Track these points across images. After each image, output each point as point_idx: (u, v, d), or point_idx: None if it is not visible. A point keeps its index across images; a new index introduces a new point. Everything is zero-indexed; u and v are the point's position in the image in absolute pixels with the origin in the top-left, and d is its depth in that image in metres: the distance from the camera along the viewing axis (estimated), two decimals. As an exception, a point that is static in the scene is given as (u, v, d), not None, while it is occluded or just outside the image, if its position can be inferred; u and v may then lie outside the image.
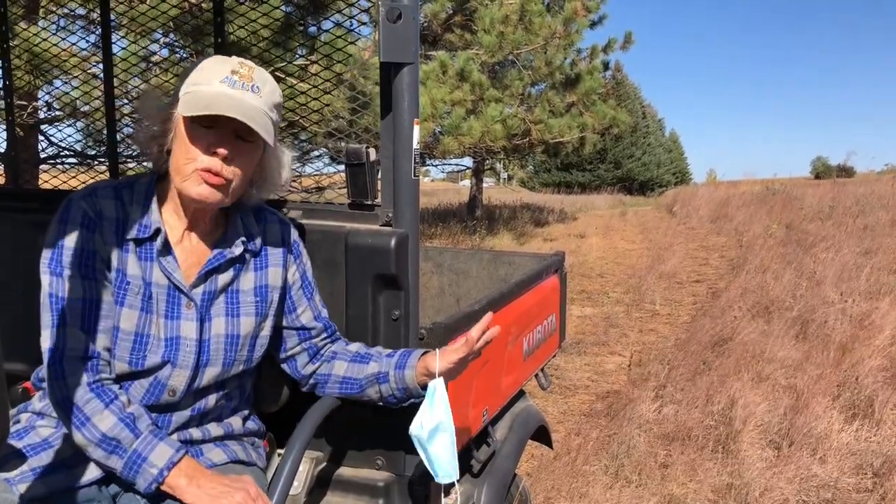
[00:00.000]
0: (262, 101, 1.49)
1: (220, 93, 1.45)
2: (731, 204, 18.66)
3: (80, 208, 1.48)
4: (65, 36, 5.49)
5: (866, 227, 12.29)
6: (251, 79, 1.49)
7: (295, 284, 1.69)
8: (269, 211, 1.71)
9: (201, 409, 1.58)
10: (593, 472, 3.79)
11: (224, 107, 1.42)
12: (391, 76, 1.69)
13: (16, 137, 2.90)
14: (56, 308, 1.43)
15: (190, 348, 1.52)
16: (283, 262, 1.67)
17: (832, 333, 6.02)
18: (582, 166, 39.84)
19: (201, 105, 1.42)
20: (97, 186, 1.54)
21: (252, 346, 1.62)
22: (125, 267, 1.49)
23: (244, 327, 1.59)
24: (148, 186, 1.55)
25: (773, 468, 3.78)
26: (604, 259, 12.50)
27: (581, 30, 14.26)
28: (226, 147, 1.46)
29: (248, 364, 1.62)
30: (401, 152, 1.71)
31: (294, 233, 1.72)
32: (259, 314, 1.61)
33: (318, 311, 1.73)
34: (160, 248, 1.51)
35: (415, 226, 1.77)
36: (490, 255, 3.03)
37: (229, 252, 1.57)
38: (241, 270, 1.61)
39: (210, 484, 1.40)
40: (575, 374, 5.84)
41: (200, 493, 1.38)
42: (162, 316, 1.51)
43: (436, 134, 12.98)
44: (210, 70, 1.49)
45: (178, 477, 1.39)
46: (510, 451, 2.37)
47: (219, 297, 1.57)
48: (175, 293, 1.53)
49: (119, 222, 1.50)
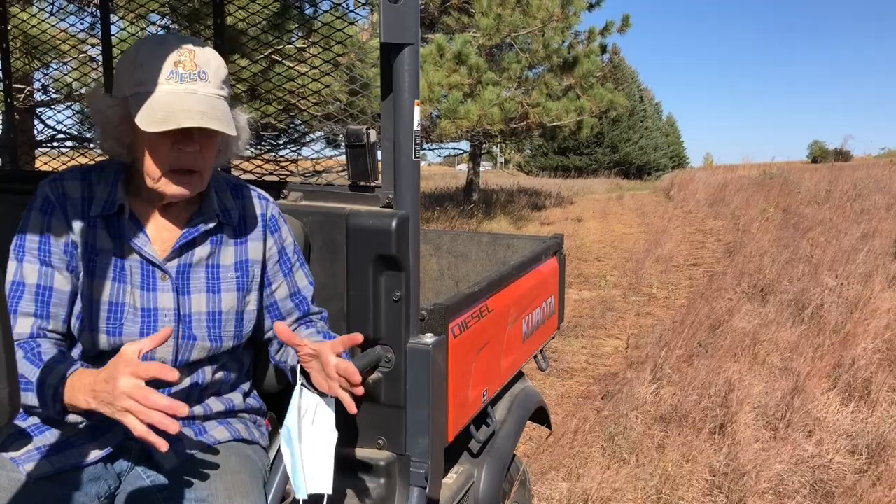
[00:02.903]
0: (212, 84, 1.46)
1: (171, 95, 1.41)
2: (729, 188, 18.65)
3: (43, 194, 1.52)
4: (63, 17, 5.46)
5: (863, 210, 12.30)
6: (195, 65, 1.45)
7: (271, 259, 1.69)
8: (248, 186, 1.71)
9: (199, 383, 1.59)
10: (591, 452, 3.82)
11: (181, 116, 1.39)
12: (391, 57, 1.69)
13: (14, 120, 2.89)
14: (15, 294, 1.46)
15: (169, 318, 1.53)
16: (263, 235, 1.67)
17: (829, 316, 6.05)
18: (579, 150, 39.83)
19: (157, 118, 1.38)
20: (66, 171, 1.57)
21: (239, 321, 1.62)
22: (94, 241, 1.51)
23: (226, 303, 1.59)
24: (118, 168, 1.56)
25: (769, 449, 3.82)
26: (601, 243, 12.52)
27: (579, 12, 14.17)
28: (191, 143, 1.45)
29: (237, 339, 1.63)
30: (401, 134, 1.72)
31: (273, 208, 1.71)
32: (241, 289, 1.62)
33: (296, 288, 1.72)
34: (128, 223, 1.52)
35: (415, 207, 1.77)
36: (489, 238, 3.04)
37: (204, 226, 1.57)
38: (220, 244, 1.61)
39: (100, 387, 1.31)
40: (572, 356, 5.86)
41: (99, 404, 1.31)
42: (137, 287, 1.52)
43: (433, 117, 12.95)
44: (151, 66, 1.43)
45: (71, 390, 1.33)
46: (509, 431, 2.39)
47: (198, 272, 1.57)
48: (148, 267, 1.53)
49: (85, 201, 1.52)
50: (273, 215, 1.70)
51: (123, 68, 1.48)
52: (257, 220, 1.67)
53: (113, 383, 1.26)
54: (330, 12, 4.19)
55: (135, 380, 1.26)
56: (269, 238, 1.68)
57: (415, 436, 1.77)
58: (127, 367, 1.27)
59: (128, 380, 1.26)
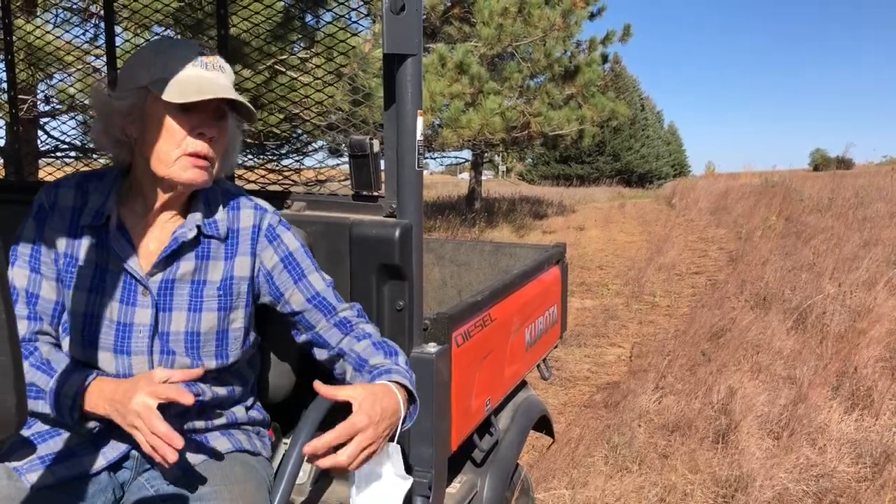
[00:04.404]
0: (230, 80, 1.53)
1: (200, 76, 1.47)
2: (730, 196, 18.65)
3: (39, 201, 1.55)
4: (67, 29, 5.49)
5: (865, 218, 12.29)
6: (216, 59, 1.52)
7: (276, 269, 1.61)
8: (245, 196, 1.66)
9: (200, 397, 1.55)
10: (594, 461, 3.81)
11: (216, 89, 1.45)
12: (394, 68, 1.70)
13: (19, 131, 2.91)
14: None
15: (143, 334, 1.50)
16: (253, 249, 1.60)
17: (831, 324, 6.04)
18: (581, 159, 39.84)
19: (191, 90, 1.43)
20: (63, 178, 1.59)
21: (221, 340, 1.56)
22: (78, 252, 1.51)
23: (205, 323, 1.54)
24: (115, 179, 1.56)
25: (773, 458, 3.81)
26: (603, 251, 12.52)
27: (580, 22, 14.23)
28: (210, 128, 1.48)
29: (221, 359, 1.58)
30: (404, 143, 1.72)
31: (270, 217, 1.64)
32: (223, 308, 1.56)
33: (313, 292, 1.63)
34: (115, 236, 1.51)
35: (418, 216, 1.78)
36: (491, 247, 3.04)
37: (183, 236, 1.53)
38: (207, 259, 1.56)
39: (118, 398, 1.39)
40: (575, 365, 5.86)
41: (114, 412, 1.39)
42: (116, 300, 1.50)
43: (434, 127, 12.98)
44: (178, 55, 1.48)
45: (91, 397, 1.41)
46: (513, 440, 2.39)
47: (182, 288, 1.53)
48: (130, 281, 1.51)
49: (75, 210, 1.53)
50: (270, 224, 1.63)
51: (140, 61, 1.50)
52: (247, 234, 1.61)
53: (129, 397, 1.35)
54: (332, 23, 4.21)
55: (148, 399, 1.34)
56: (267, 250, 1.61)
57: (418, 445, 1.77)
58: (147, 386, 1.35)
59: (141, 398, 1.34)
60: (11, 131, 2.88)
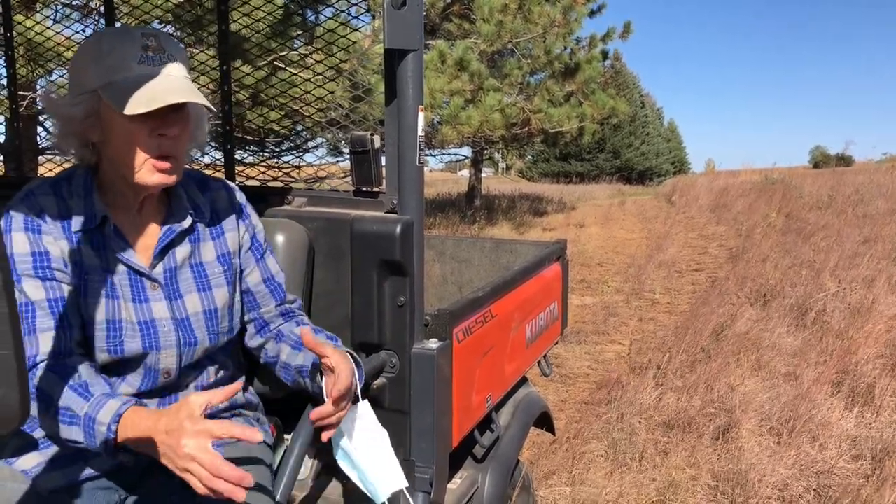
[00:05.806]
0: (181, 66, 1.46)
1: (150, 75, 1.39)
2: (730, 193, 18.65)
3: (21, 213, 1.43)
4: (67, 24, 5.48)
5: (865, 215, 12.30)
6: (163, 48, 1.43)
7: (244, 247, 1.68)
8: (212, 179, 1.70)
9: (202, 384, 1.59)
10: (594, 458, 3.81)
11: (167, 94, 1.37)
12: (395, 63, 1.69)
13: (19, 127, 2.90)
14: (26, 316, 1.38)
15: (168, 328, 1.51)
16: (236, 225, 1.67)
17: (831, 321, 6.04)
18: (581, 156, 39.85)
19: (142, 100, 1.35)
20: (32, 187, 1.48)
21: (231, 315, 1.63)
22: (80, 259, 1.45)
23: (219, 299, 1.59)
24: (86, 178, 1.50)
25: (773, 454, 3.81)
26: (603, 248, 12.51)
27: (580, 18, 14.23)
28: (169, 127, 1.42)
29: (230, 334, 1.64)
30: (405, 139, 1.72)
31: (241, 196, 1.72)
32: (230, 282, 1.63)
33: (269, 273, 1.72)
34: (111, 235, 1.48)
35: (419, 212, 1.77)
36: (492, 244, 3.04)
37: (178, 226, 1.55)
38: (198, 241, 1.60)
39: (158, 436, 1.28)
40: (575, 362, 5.86)
41: (162, 456, 1.27)
42: (129, 300, 1.48)
43: (434, 123, 12.98)
44: (119, 53, 1.40)
45: (125, 430, 1.29)
46: (513, 436, 2.39)
47: (184, 273, 1.56)
48: (136, 278, 1.50)
49: (63, 217, 1.46)
50: (241, 203, 1.71)
51: (85, 62, 1.44)
52: (230, 211, 1.67)
53: (176, 439, 1.23)
54: (333, 19, 4.21)
55: (201, 441, 1.22)
56: (242, 226, 1.69)
57: (419, 441, 1.77)
58: (193, 425, 1.23)
59: (193, 441, 1.22)
60: (12, 127, 2.87)
